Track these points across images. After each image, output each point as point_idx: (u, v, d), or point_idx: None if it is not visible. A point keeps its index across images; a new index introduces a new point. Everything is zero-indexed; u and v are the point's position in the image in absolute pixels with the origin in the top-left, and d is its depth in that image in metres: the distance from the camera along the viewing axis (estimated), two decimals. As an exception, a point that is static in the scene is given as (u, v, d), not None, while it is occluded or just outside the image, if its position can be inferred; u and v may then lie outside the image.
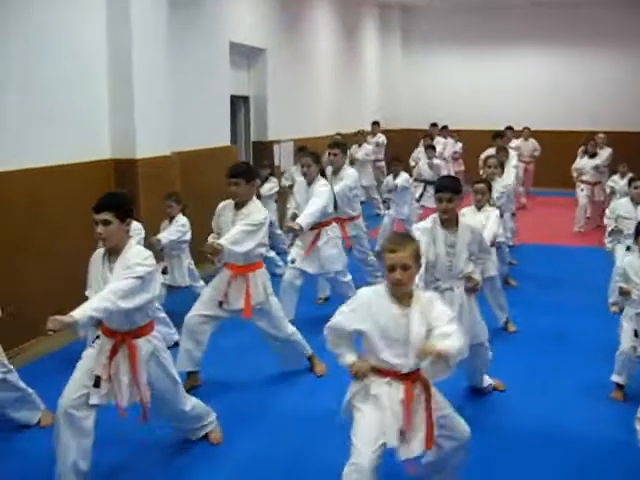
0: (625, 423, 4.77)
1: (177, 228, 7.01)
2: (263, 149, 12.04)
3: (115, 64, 7.73)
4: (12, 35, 6.41)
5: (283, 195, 10.51)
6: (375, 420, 3.60)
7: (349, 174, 7.97)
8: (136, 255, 4.13)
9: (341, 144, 8.42)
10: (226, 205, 5.70)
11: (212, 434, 4.86)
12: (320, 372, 6.04)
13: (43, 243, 5.17)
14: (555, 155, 16.19)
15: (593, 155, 13.28)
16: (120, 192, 5.11)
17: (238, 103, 11.77)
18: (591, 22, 18.90)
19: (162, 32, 8.23)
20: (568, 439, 4.94)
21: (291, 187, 8.79)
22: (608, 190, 11.25)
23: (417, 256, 3.65)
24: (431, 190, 11.42)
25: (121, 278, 3.98)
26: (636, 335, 5.51)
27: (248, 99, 12.06)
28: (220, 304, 5.56)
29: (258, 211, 5.55)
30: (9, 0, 6.38)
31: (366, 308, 3.66)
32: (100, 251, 4.28)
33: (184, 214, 7.19)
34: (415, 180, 11.69)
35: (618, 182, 10.76)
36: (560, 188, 15.69)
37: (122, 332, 4.17)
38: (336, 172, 7.98)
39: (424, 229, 5.02)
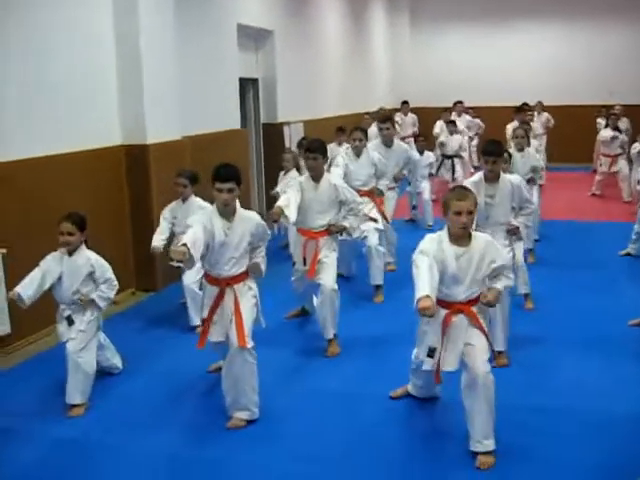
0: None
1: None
2: (273, 131, 11.99)
3: (123, 50, 7.70)
4: (24, 24, 6.39)
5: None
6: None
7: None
8: None
9: (390, 118, 8.99)
10: (302, 181, 6.33)
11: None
12: (332, 354, 6.08)
13: (54, 231, 5.17)
14: (569, 130, 16.07)
15: (616, 128, 13.36)
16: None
17: (247, 86, 11.71)
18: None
19: (170, 17, 8.19)
20: (595, 417, 4.91)
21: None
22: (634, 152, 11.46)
23: (476, 204, 4.47)
24: (448, 163, 11.79)
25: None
26: None
27: (257, 81, 12.00)
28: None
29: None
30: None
31: (436, 246, 4.38)
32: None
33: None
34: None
35: None
36: (573, 163, 15.61)
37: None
38: (389, 144, 8.53)
39: (472, 183, 5.82)
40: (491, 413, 4.31)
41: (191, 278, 6.47)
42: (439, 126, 13.91)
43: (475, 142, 16.25)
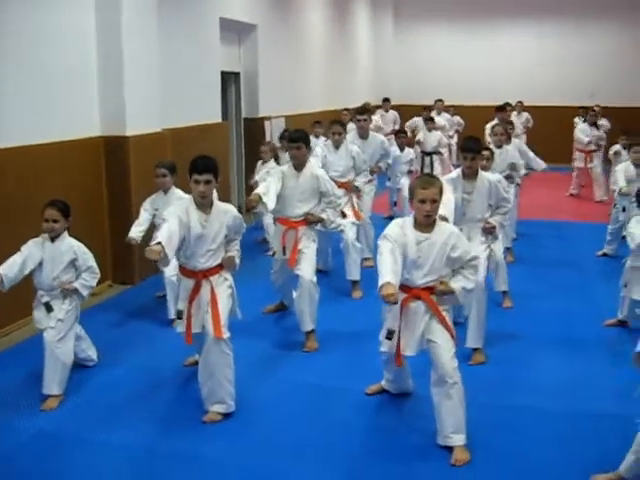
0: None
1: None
2: (254, 125, 11.97)
3: (104, 42, 7.65)
4: (4, 17, 6.32)
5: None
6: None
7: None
8: None
9: (367, 110, 9.07)
10: (284, 170, 6.36)
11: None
12: (310, 349, 6.09)
13: (34, 221, 5.14)
14: (549, 130, 16.16)
15: (594, 124, 13.55)
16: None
17: (229, 79, 11.68)
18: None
19: (152, 9, 8.14)
20: (564, 412, 4.95)
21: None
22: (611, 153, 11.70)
23: (442, 192, 4.45)
24: (427, 160, 11.85)
25: None
26: (625, 286, 6.28)
27: (239, 75, 11.97)
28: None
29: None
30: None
31: (399, 230, 4.43)
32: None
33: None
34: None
35: (622, 152, 11.04)
36: (553, 163, 15.67)
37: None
38: (365, 137, 8.63)
39: (450, 179, 5.91)
40: (461, 409, 4.35)
41: (171, 270, 6.45)
42: (415, 121, 14.07)
43: (455, 140, 16.33)
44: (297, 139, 6.26)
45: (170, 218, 4.67)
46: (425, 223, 4.42)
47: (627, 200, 8.22)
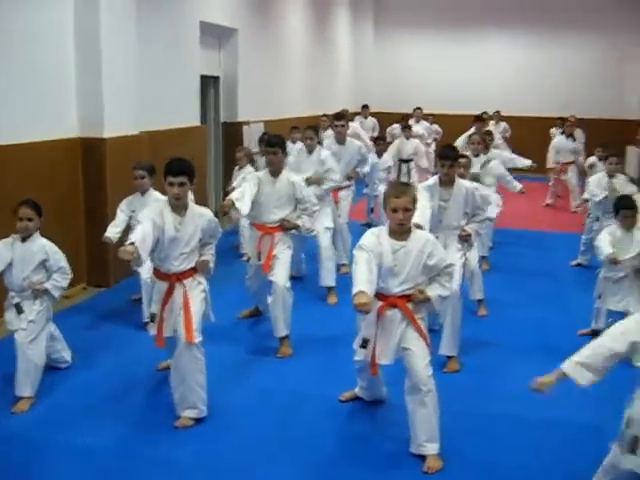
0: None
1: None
2: (233, 130, 11.94)
3: (83, 43, 7.60)
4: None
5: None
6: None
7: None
8: None
9: (344, 116, 9.07)
10: (260, 176, 6.36)
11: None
12: (283, 354, 6.07)
13: (9, 222, 5.09)
14: (526, 140, 16.23)
15: (570, 135, 13.69)
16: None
17: (208, 83, 11.65)
18: (564, 9, 19.08)
19: (131, 11, 8.11)
20: (538, 420, 4.98)
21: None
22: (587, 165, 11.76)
23: (415, 201, 4.42)
24: (404, 168, 11.79)
25: None
26: (599, 297, 6.41)
27: (218, 79, 11.94)
28: None
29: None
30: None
31: (375, 239, 4.41)
32: None
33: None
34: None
35: (597, 164, 11.08)
36: (529, 173, 15.75)
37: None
38: (342, 142, 8.69)
39: (427, 186, 5.97)
40: (435, 417, 4.35)
41: (147, 272, 6.40)
42: (395, 128, 14.10)
43: (433, 148, 16.36)
44: (274, 144, 6.26)
45: (144, 220, 4.66)
46: (398, 231, 4.41)
47: (600, 210, 8.34)
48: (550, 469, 4.33)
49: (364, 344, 4.54)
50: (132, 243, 4.39)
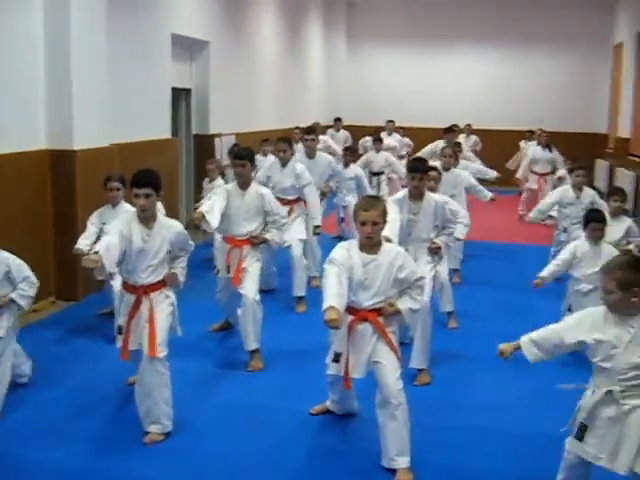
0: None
1: None
2: (204, 142, 11.92)
3: (53, 55, 7.56)
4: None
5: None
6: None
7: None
8: None
9: (314, 130, 9.11)
10: (229, 188, 6.34)
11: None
12: (254, 368, 6.03)
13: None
14: (497, 153, 16.35)
15: (547, 146, 13.80)
16: None
17: (180, 96, 11.63)
18: (535, 22, 19.29)
19: (102, 22, 8.07)
20: (508, 432, 4.99)
21: None
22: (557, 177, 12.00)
23: (384, 215, 4.43)
24: (374, 181, 11.80)
25: None
26: (569, 309, 6.41)
27: (190, 92, 11.92)
28: None
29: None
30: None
31: (345, 253, 4.42)
32: None
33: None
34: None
35: (567, 177, 11.22)
36: (500, 186, 15.86)
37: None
38: (312, 156, 8.65)
39: (396, 200, 5.95)
40: (406, 430, 4.34)
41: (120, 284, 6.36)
42: (367, 140, 14.11)
43: (404, 161, 16.38)
44: (243, 156, 6.26)
45: (111, 231, 4.67)
46: (368, 245, 4.42)
47: (568, 221, 8.44)
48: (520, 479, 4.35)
49: (336, 358, 4.53)
50: (96, 252, 4.38)
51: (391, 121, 16.11)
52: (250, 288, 6.04)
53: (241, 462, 4.51)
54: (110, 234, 4.64)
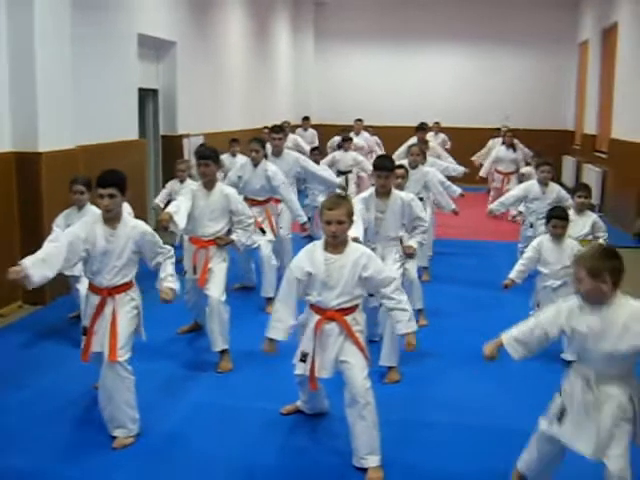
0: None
1: None
2: (172, 143, 11.85)
3: (16, 55, 7.45)
4: None
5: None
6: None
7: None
8: None
9: (282, 129, 9.03)
10: (194, 189, 6.28)
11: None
12: (223, 369, 6.00)
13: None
14: (465, 151, 16.42)
15: (511, 146, 13.99)
16: None
17: (147, 96, 11.55)
18: (503, 20, 19.46)
19: (65, 21, 7.97)
20: (478, 426, 5.02)
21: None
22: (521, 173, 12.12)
23: (350, 214, 4.44)
24: (342, 179, 11.76)
25: None
26: (538, 306, 6.35)
27: (157, 92, 11.85)
28: None
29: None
30: None
31: (306, 255, 4.48)
32: None
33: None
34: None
35: (532, 173, 11.25)
36: (469, 183, 15.94)
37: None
38: (278, 154, 8.60)
39: (362, 198, 6.00)
40: (375, 429, 4.35)
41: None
42: (335, 140, 14.07)
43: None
44: (207, 156, 6.21)
45: (61, 237, 4.66)
46: (332, 244, 4.43)
47: (534, 216, 8.52)
48: (490, 474, 4.36)
49: (303, 358, 4.54)
50: (19, 264, 4.37)
51: (359, 120, 16.07)
52: (215, 289, 6.00)
53: (212, 463, 4.49)
54: (59, 241, 4.62)
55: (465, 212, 13.64)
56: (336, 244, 4.43)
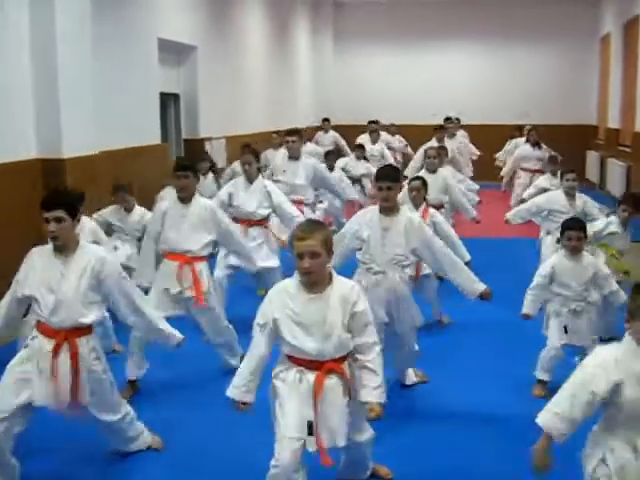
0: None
1: None
2: (195, 147, 11.91)
3: (40, 63, 7.49)
4: None
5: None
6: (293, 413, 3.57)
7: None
8: None
9: (298, 131, 8.68)
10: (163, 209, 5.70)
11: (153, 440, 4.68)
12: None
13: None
14: (484, 147, 16.34)
15: (536, 144, 13.59)
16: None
17: (168, 101, 11.62)
18: (523, 18, 19.53)
19: (87, 28, 8.02)
20: (489, 429, 5.02)
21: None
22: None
23: (328, 243, 3.55)
24: (357, 186, 11.49)
25: None
26: (566, 331, 5.50)
27: (178, 96, 11.91)
28: None
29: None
30: None
31: (282, 296, 3.61)
32: None
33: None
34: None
35: (551, 181, 10.40)
36: (489, 181, 15.84)
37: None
38: (296, 158, 8.33)
39: (364, 212, 5.23)
40: None
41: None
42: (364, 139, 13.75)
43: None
44: (187, 167, 5.59)
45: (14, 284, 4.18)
46: (307, 283, 3.55)
47: (553, 225, 7.88)
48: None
49: (310, 430, 3.58)
50: None
51: (374, 122, 14.90)
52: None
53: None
54: (6, 296, 4.17)
55: (486, 210, 13.54)
56: (311, 283, 3.56)
